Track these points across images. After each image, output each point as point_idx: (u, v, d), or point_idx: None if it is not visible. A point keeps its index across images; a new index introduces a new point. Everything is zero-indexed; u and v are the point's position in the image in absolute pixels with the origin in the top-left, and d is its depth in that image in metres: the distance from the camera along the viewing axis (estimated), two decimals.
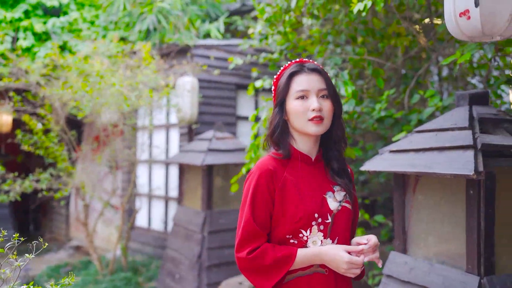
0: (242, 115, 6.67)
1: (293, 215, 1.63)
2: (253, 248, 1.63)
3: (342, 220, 1.70)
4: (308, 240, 1.64)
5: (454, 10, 1.61)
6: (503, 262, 2.26)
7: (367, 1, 3.04)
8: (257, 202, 1.65)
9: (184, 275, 5.05)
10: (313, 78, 1.69)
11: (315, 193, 1.69)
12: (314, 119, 1.65)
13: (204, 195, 5.08)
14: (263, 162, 1.70)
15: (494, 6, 1.50)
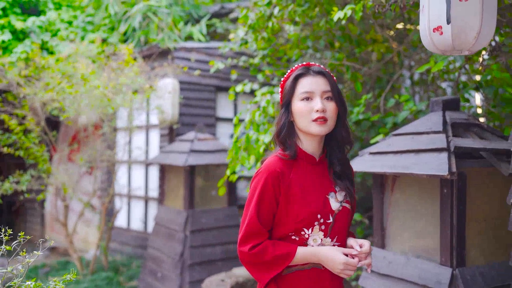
0: (221, 116, 6.80)
1: (297, 215, 1.70)
2: (255, 244, 1.71)
3: (342, 219, 1.77)
4: (309, 238, 1.72)
5: (428, 25, 1.79)
6: (473, 254, 2.47)
7: (347, 10, 3.21)
8: (263, 202, 1.71)
9: (166, 273, 5.14)
10: (318, 81, 1.73)
11: (318, 193, 1.75)
12: (318, 120, 1.69)
13: (186, 195, 5.19)
14: (270, 164, 1.74)
15: (464, 25, 1.68)
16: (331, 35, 4.70)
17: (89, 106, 5.05)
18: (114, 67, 5.30)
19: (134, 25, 6.38)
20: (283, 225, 1.72)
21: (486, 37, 1.69)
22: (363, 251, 1.74)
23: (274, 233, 1.76)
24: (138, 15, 6.33)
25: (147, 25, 6.63)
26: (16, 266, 1.96)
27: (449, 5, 1.67)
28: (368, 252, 1.75)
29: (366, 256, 1.75)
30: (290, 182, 1.72)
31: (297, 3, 3.98)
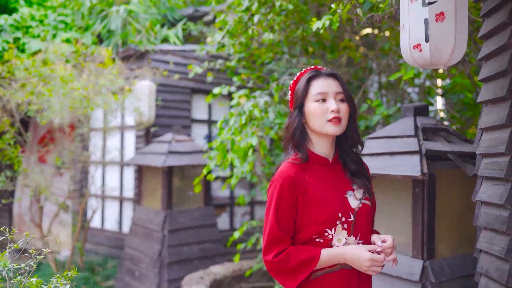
0: (196, 118, 6.92)
1: (318, 218, 1.69)
2: (278, 252, 1.69)
3: (363, 216, 1.77)
4: (333, 238, 1.70)
5: (409, 43, 1.99)
6: (441, 248, 2.71)
7: (325, 21, 3.42)
8: (281, 208, 1.70)
9: (144, 272, 5.23)
10: (330, 82, 1.76)
11: (336, 193, 1.75)
12: (333, 120, 1.71)
13: (164, 195, 5.29)
14: (284, 170, 1.74)
15: (440, 43, 1.89)
16: (306, 42, 4.92)
17: (68, 108, 5.08)
18: (92, 69, 5.35)
19: (112, 28, 6.41)
20: (306, 229, 1.71)
21: (459, 54, 1.91)
22: (386, 246, 1.74)
23: (298, 238, 1.74)
24: (118, 18, 6.37)
25: (124, 27, 6.68)
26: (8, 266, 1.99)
27: (427, 25, 1.88)
28: (392, 246, 1.75)
29: (391, 251, 1.76)
30: (306, 186, 1.72)
31: (275, 12, 4.17)
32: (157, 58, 6.42)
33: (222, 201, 6.94)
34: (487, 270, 2.15)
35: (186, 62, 6.62)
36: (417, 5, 1.93)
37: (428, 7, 1.89)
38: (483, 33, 2.24)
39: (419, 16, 1.91)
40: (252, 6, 4.22)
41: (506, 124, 1.99)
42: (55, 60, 5.58)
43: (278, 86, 4.42)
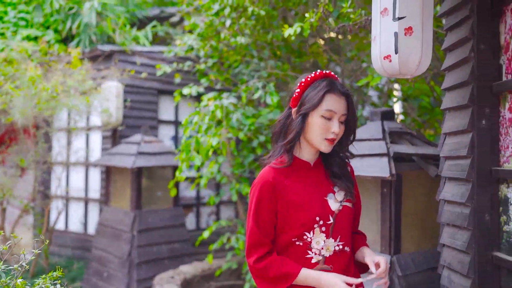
0: (163, 119, 6.94)
1: (296, 222, 1.71)
2: (259, 256, 1.72)
3: (343, 219, 1.77)
4: (312, 241, 1.72)
5: (379, 54, 2.15)
6: (407, 244, 2.90)
7: (297, 27, 3.56)
8: (260, 213, 1.73)
9: (113, 273, 5.23)
10: (341, 101, 1.74)
11: (316, 197, 1.76)
12: (330, 140, 1.73)
13: (133, 196, 5.31)
14: (264, 174, 1.76)
15: (408, 55, 2.06)
16: (274, 46, 5.06)
17: (35, 108, 5.02)
18: (60, 69, 5.30)
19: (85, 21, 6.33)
20: (286, 232, 1.73)
21: (425, 65, 2.08)
22: (380, 272, 1.73)
23: (279, 241, 1.76)
24: (93, 11, 6.30)
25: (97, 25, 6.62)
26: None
27: (396, 38, 2.04)
28: (386, 270, 1.74)
29: (383, 276, 1.76)
30: (286, 190, 1.74)
31: (246, 16, 4.29)
32: (124, 59, 6.41)
33: (189, 201, 7.00)
34: (450, 263, 2.35)
35: (153, 63, 6.63)
36: (387, 19, 2.09)
37: (397, 22, 2.04)
38: (446, 46, 2.44)
39: (389, 29, 2.07)
40: (224, 10, 4.33)
41: (468, 130, 2.19)
42: (19, 58, 5.49)
43: (246, 88, 4.53)
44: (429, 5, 2.05)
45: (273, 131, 1.85)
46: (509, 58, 2.07)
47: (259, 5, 4.08)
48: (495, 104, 2.15)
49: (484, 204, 2.13)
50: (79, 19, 6.55)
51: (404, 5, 1.99)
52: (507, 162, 2.08)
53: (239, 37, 4.40)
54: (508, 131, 2.07)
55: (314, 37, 5.05)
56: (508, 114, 2.07)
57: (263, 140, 4.68)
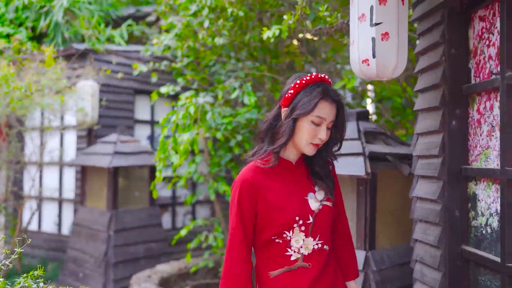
0: (139, 118, 6.93)
1: (276, 220, 1.72)
2: (234, 250, 1.75)
3: (323, 218, 1.79)
4: (291, 239, 1.73)
5: (358, 58, 2.24)
6: (381, 240, 3.02)
7: (275, 30, 3.64)
8: (240, 211, 1.74)
9: (89, 273, 5.21)
10: (332, 109, 1.74)
11: (296, 196, 1.77)
12: (315, 145, 1.75)
13: (110, 195, 5.30)
14: (244, 173, 1.77)
15: (385, 59, 2.15)
16: (251, 46, 5.13)
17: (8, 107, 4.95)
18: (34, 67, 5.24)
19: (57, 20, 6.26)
20: (266, 230, 1.75)
21: (401, 69, 2.18)
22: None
23: (259, 238, 1.78)
24: (61, 10, 6.24)
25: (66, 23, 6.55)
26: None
27: (374, 43, 2.13)
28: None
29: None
30: (266, 189, 1.75)
31: (224, 17, 4.34)
32: (100, 58, 6.37)
33: (164, 201, 7.00)
34: (422, 257, 2.46)
35: (129, 63, 6.61)
36: (365, 25, 2.18)
37: (375, 27, 2.14)
38: (419, 49, 2.55)
39: (367, 34, 2.16)
40: (202, 11, 4.37)
41: (439, 130, 2.30)
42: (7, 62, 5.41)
43: (222, 87, 4.58)
44: (404, 12, 2.16)
45: (260, 128, 1.83)
46: (477, 62, 2.20)
47: (237, 6, 4.14)
48: (465, 106, 2.27)
49: (454, 201, 2.25)
50: (50, 17, 6.47)
51: (381, 11, 2.09)
52: (475, 161, 2.20)
53: (217, 38, 4.45)
54: (477, 131, 2.19)
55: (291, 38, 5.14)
56: (477, 115, 2.19)
57: (240, 139, 4.74)
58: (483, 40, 2.15)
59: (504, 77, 1.91)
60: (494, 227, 2.03)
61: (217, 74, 5.72)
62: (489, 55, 2.10)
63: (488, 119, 2.11)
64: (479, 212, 2.16)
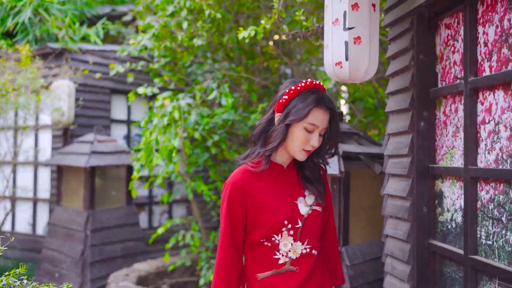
0: (116, 118, 6.92)
1: (265, 223, 1.72)
2: (226, 256, 1.76)
3: (312, 223, 1.78)
4: (279, 243, 1.74)
5: (332, 60, 2.34)
6: (354, 236, 3.14)
7: (251, 31, 3.72)
8: (230, 213, 1.74)
9: (65, 273, 5.20)
10: (326, 116, 1.73)
11: (286, 200, 1.77)
12: (307, 151, 1.74)
13: (87, 195, 5.30)
14: (235, 176, 1.77)
15: (357, 62, 2.26)
16: (227, 48, 5.21)
17: None
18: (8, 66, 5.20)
19: (24, 20, 6.20)
20: (255, 232, 1.76)
21: (372, 71, 2.30)
22: None
23: (248, 239, 1.79)
24: (28, 10, 6.18)
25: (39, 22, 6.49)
26: None
27: (347, 46, 2.24)
28: None
29: None
30: (256, 192, 1.75)
31: (202, 19, 4.40)
32: (76, 57, 6.34)
33: (141, 200, 7.01)
34: (392, 251, 2.59)
35: (106, 62, 6.60)
36: (339, 29, 2.29)
37: (348, 32, 2.25)
38: (389, 54, 2.68)
39: (340, 38, 2.27)
40: (179, 12, 4.42)
41: (408, 131, 2.43)
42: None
43: (200, 88, 4.65)
44: (375, 17, 2.27)
45: (253, 133, 1.83)
46: (444, 67, 2.33)
47: (215, 8, 4.21)
48: (432, 108, 2.40)
49: (422, 198, 2.38)
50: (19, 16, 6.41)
51: (353, 17, 2.20)
52: (442, 160, 2.33)
53: (195, 39, 4.51)
54: (443, 132, 2.32)
55: (266, 39, 5.25)
56: (443, 117, 2.33)
57: (217, 139, 4.82)
58: (448, 47, 2.29)
59: (467, 82, 2.04)
60: (458, 222, 2.17)
61: (194, 75, 5.77)
62: (454, 61, 2.23)
63: (453, 120, 2.24)
64: (445, 208, 2.29)
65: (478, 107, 2.03)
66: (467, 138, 2.04)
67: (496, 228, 1.88)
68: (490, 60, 1.95)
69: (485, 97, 1.98)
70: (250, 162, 1.79)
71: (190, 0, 4.15)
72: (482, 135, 1.99)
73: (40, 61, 5.87)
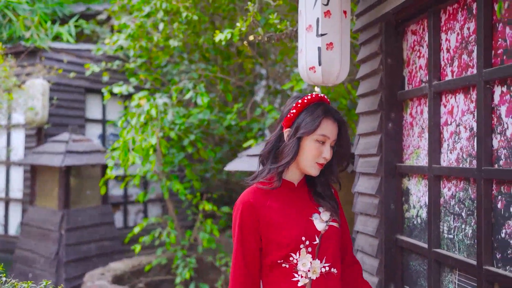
0: (90, 117, 6.90)
1: (280, 242, 1.66)
2: (237, 282, 1.69)
3: (330, 239, 1.72)
4: (298, 263, 1.66)
5: (306, 65, 2.45)
6: None
7: (227, 34, 3.81)
8: (245, 237, 1.68)
9: (39, 273, 5.18)
10: (334, 127, 1.73)
11: (299, 217, 1.71)
12: (320, 164, 1.72)
13: (62, 194, 5.29)
14: (245, 195, 1.72)
15: (329, 67, 2.37)
16: (203, 49, 5.27)
17: None
18: None
19: None
20: (270, 253, 1.69)
21: (343, 75, 2.41)
22: None
23: (264, 263, 1.72)
24: None
25: (8, 22, 6.42)
26: None
27: (319, 52, 2.34)
28: None
29: None
30: (268, 211, 1.70)
31: (179, 21, 4.46)
32: (51, 56, 6.30)
33: (116, 200, 7.01)
34: (362, 246, 2.71)
35: (80, 62, 6.58)
36: (312, 35, 2.39)
37: (320, 38, 2.35)
38: (360, 58, 2.80)
39: (313, 44, 2.37)
40: (156, 13, 4.47)
41: (377, 132, 2.55)
42: None
43: (177, 88, 4.71)
44: (346, 24, 2.39)
45: (262, 151, 1.80)
46: (410, 71, 2.46)
47: (192, 10, 4.27)
48: (399, 110, 2.53)
49: (390, 195, 2.51)
50: None
51: (326, 23, 2.30)
52: (408, 159, 2.46)
53: (171, 40, 4.56)
54: (409, 132, 2.45)
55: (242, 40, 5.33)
56: (409, 119, 2.46)
57: (193, 139, 4.88)
58: (414, 52, 2.42)
59: (431, 86, 2.17)
60: (423, 218, 2.30)
61: (170, 75, 5.82)
62: (420, 65, 2.36)
63: (419, 122, 2.37)
64: (411, 204, 2.42)
65: (441, 109, 2.16)
66: (431, 138, 2.17)
67: (456, 222, 2.02)
68: (452, 65, 2.09)
69: (447, 100, 2.11)
70: (260, 181, 1.74)
71: (167, 1, 4.20)
72: (445, 135, 2.12)
73: (12, 59, 5.81)
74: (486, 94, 1.81)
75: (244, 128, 5.11)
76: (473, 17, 1.95)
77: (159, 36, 4.51)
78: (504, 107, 1.75)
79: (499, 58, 1.78)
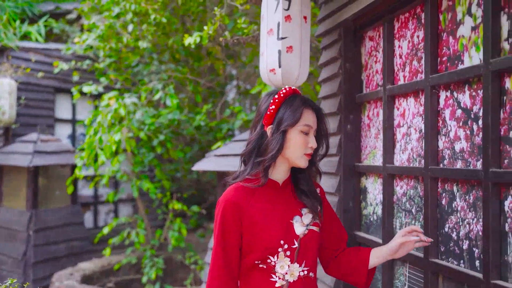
0: (60, 117, 6.85)
1: (260, 244, 1.64)
2: (220, 284, 1.67)
3: (309, 243, 1.71)
4: (276, 265, 1.65)
5: (266, 67, 2.54)
6: None
7: (196, 37, 3.87)
8: (225, 235, 1.67)
9: (6, 274, 5.14)
10: (314, 117, 1.74)
11: (281, 219, 1.69)
12: (308, 155, 1.72)
13: (30, 195, 5.26)
14: (228, 192, 1.70)
15: (289, 69, 2.47)
16: (173, 50, 5.32)
17: None
18: None
19: None
20: (249, 254, 1.67)
21: (303, 77, 2.51)
22: (417, 231, 1.75)
23: (243, 262, 1.70)
24: None
25: None
26: None
27: (280, 54, 2.44)
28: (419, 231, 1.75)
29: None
30: (251, 210, 1.67)
31: (148, 22, 4.50)
32: (18, 55, 6.24)
33: (86, 200, 6.97)
34: None
35: (49, 61, 6.53)
36: (273, 38, 2.49)
37: (281, 41, 2.45)
38: (322, 61, 2.90)
39: (274, 47, 2.47)
40: (125, 14, 4.50)
41: (337, 133, 2.66)
42: None
43: (146, 88, 4.75)
44: (306, 29, 2.49)
45: (244, 151, 1.77)
46: (368, 75, 2.58)
47: (161, 12, 4.32)
48: (358, 112, 2.64)
49: (349, 193, 2.62)
50: None
51: (286, 27, 2.40)
52: (366, 159, 2.58)
53: (140, 42, 4.60)
54: (367, 134, 2.57)
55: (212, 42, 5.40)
56: (367, 120, 2.57)
57: (163, 139, 4.93)
58: (372, 57, 2.53)
59: (386, 89, 2.29)
60: (379, 215, 2.42)
61: (140, 75, 5.85)
62: (376, 70, 2.48)
63: (375, 123, 2.49)
64: (368, 202, 2.54)
65: (395, 112, 2.28)
66: (385, 139, 2.29)
67: (407, 218, 2.14)
68: (404, 70, 2.21)
69: (400, 103, 2.24)
70: (246, 178, 1.72)
71: (136, 3, 4.24)
72: (398, 137, 2.25)
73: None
74: (433, 98, 1.94)
75: (214, 128, 5.18)
76: (422, 26, 2.07)
77: (128, 37, 4.54)
78: (448, 111, 1.87)
79: (444, 65, 1.91)
